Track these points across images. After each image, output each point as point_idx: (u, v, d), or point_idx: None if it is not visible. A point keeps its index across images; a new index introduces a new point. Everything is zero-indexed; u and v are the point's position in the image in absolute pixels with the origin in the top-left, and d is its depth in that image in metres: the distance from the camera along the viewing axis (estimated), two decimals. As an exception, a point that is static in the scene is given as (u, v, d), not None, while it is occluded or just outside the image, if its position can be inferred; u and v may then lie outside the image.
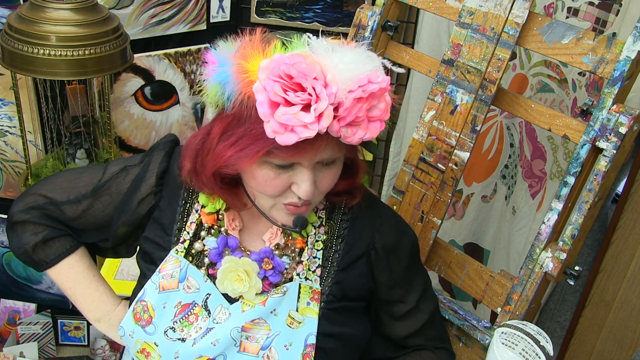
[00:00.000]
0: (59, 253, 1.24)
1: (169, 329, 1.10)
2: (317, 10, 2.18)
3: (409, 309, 1.20)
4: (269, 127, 0.90)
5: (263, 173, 0.99)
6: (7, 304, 2.34)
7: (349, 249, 1.14)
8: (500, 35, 1.34)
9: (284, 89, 0.89)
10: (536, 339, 1.22)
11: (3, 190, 2.14)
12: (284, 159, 0.96)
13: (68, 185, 1.22)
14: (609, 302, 1.83)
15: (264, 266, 1.11)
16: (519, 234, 2.01)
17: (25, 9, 1.64)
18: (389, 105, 0.97)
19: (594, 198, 1.22)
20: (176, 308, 1.11)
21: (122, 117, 2.11)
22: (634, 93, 1.43)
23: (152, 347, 1.10)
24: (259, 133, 0.93)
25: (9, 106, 1.97)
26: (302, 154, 0.95)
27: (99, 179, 1.20)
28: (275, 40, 0.95)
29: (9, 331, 2.32)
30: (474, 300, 2.15)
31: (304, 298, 1.10)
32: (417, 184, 1.47)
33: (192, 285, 1.12)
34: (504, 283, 1.37)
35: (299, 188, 0.99)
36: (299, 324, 1.08)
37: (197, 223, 1.15)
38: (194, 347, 1.08)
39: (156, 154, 1.17)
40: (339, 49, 0.94)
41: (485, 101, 1.37)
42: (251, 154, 0.95)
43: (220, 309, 1.10)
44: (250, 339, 1.08)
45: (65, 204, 1.21)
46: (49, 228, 1.22)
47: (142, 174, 1.17)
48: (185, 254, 1.13)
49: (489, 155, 2.08)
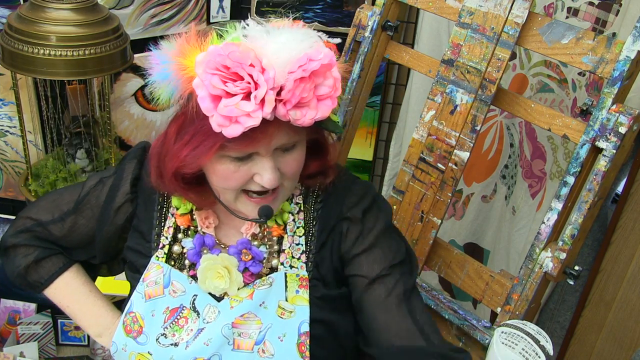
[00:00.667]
0: (52, 272, 1.24)
1: (161, 335, 1.09)
2: (317, 10, 2.18)
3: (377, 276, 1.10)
4: (214, 122, 0.89)
5: (223, 168, 0.98)
6: (7, 304, 2.34)
7: (322, 228, 1.12)
8: (500, 35, 1.34)
9: (222, 81, 0.88)
10: (536, 338, 1.22)
11: (3, 190, 2.14)
12: (240, 150, 0.95)
13: (51, 205, 1.24)
14: (609, 302, 1.83)
15: (243, 258, 1.10)
16: (518, 234, 2.01)
17: (25, 9, 1.64)
18: (338, 80, 0.95)
19: (594, 198, 1.22)
20: (165, 314, 1.10)
21: (122, 117, 2.11)
22: (634, 93, 1.43)
23: (147, 356, 1.09)
24: (209, 129, 0.91)
25: (9, 106, 1.97)
26: (255, 144, 0.94)
27: (79, 195, 1.21)
28: (211, 33, 0.94)
29: (9, 331, 2.32)
30: (474, 300, 2.15)
31: (292, 287, 1.09)
32: (417, 183, 1.47)
33: (178, 289, 1.11)
34: (503, 283, 1.37)
35: (261, 178, 0.98)
36: (290, 314, 1.07)
37: (174, 227, 1.14)
38: (187, 350, 1.07)
39: (127, 163, 1.18)
40: (274, 30, 0.92)
41: (485, 101, 1.37)
42: (205, 151, 0.94)
43: (209, 308, 1.10)
44: (243, 335, 1.07)
45: (50, 224, 1.22)
46: (40, 249, 1.23)
47: (117, 183, 1.17)
48: (167, 258, 1.13)
49: (489, 155, 2.08)
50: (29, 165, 1.90)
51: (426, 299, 1.43)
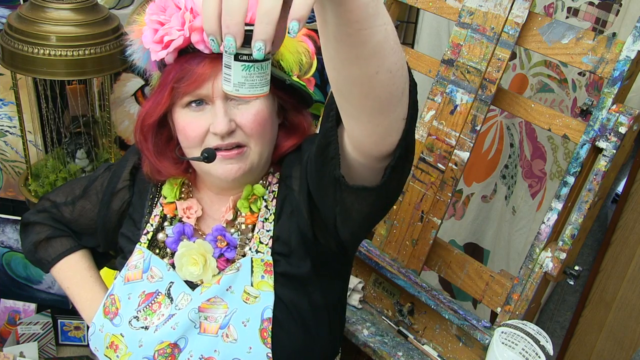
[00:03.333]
0: (59, 252, 1.30)
1: (133, 318, 1.12)
2: (317, 10, 2.18)
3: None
4: (153, 52, 1.01)
5: (180, 120, 1.06)
6: (7, 304, 2.34)
7: (280, 201, 1.14)
8: (500, 35, 1.34)
9: (156, 14, 1.01)
10: (536, 338, 1.22)
11: (3, 190, 2.14)
12: (188, 92, 1.02)
13: (68, 189, 1.32)
14: (609, 302, 1.83)
15: (219, 244, 1.13)
16: (519, 234, 2.00)
17: (25, 9, 1.64)
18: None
19: (594, 198, 1.22)
20: (140, 297, 1.13)
21: (122, 117, 2.11)
22: (634, 93, 1.43)
23: (119, 338, 1.12)
24: (163, 79, 1.05)
25: (9, 106, 1.97)
26: (199, 82, 1.01)
27: (89, 180, 1.30)
28: None
29: (9, 331, 2.32)
30: (474, 300, 2.15)
31: (257, 272, 1.10)
32: (417, 183, 1.47)
33: (156, 275, 1.14)
34: (503, 283, 1.37)
35: (214, 126, 1.03)
36: (255, 299, 1.08)
37: (161, 215, 1.19)
38: (155, 333, 1.09)
39: (130, 153, 1.25)
40: None
41: (485, 101, 1.37)
42: (161, 96, 1.05)
43: (182, 296, 1.12)
44: (209, 319, 1.08)
45: (62, 205, 1.30)
46: (52, 228, 1.31)
47: (119, 170, 1.25)
48: (149, 245, 1.17)
49: (489, 155, 2.08)
50: (29, 165, 1.90)
51: (426, 299, 1.43)
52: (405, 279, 1.46)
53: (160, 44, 1.01)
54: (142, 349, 1.09)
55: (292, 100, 1.11)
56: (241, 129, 1.05)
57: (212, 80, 1.01)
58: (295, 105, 1.13)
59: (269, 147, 1.11)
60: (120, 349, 1.11)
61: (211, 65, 1.01)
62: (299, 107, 1.14)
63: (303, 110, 1.15)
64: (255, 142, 1.06)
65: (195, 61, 1.02)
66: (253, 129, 1.05)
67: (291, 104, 1.12)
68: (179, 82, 1.02)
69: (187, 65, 1.02)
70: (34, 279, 2.31)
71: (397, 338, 1.50)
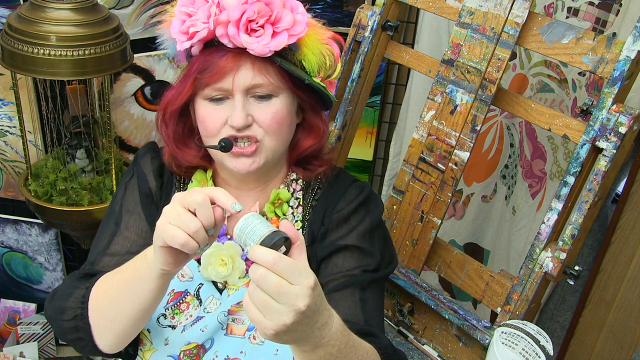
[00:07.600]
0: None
1: (161, 315, 1.12)
2: (317, 10, 2.18)
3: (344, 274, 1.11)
4: (179, 42, 1.04)
5: (201, 111, 1.08)
6: (7, 304, 2.34)
7: (313, 222, 1.15)
8: (500, 35, 1.34)
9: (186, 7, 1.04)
10: (536, 338, 1.22)
11: (3, 190, 2.14)
12: (210, 83, 1.04)
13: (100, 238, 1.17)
14: (609, 302, 1.83)
15: None
16: (519, 234, 2.01)
17: (25, 9, 1.64)
18: (299, 22, 1.04)
19: (594, 198, 1.22)
20: (169, 295, 1.13)
21: (122, 117, 2.11)
22: (634, 93, 1.43)
23: (144, 333, 1.12)
24: (188, 69, 1.07)
25: (9, 106, 1.97)
26: (222, 75, 1.03)
27: (113, 214, 1.17)
28: None
29: (9, 331, 2.32)
30: (474, 300, 2.15)
31: None
32: (417, 183, 1.47)
33: (186, 274, 1.14)
34: (503, 283, 1.37)
35: (232, 119, 1.05)
36: None
37: None
38: (183, 333, 1.10)
39: (141, 160, 1.21)
40: None
41: (485, 101, 1.37)
42: (184, 85, 1.07)
43: (211, 300, 1.12)
44: (237, 321, 1.10)
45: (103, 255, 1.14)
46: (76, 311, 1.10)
47: (140, 173, 1.19)
48: None
49: (489, 155, 2.08)
50: (28, 165, 1.90)
51: (426, 299, 1.43)
52: (405, 279, 1.46)
53: (186, 34, 1.03)
54: (168, 347, 1.10)
55: (310, 101, 1.12)
56: (258, 125, 1.06)
57: (234, 74, 1.03)
58: (313, 105, 1.14)
59: (284, 144, 1.12)
60: (144, 344, 1.12)
61: (234, 60, 1.03)
62: (317, 108, 1.15)
63: (321, 112, 1.16)
64: (270, 138, 1.08)
65: (219, 54, 1.04)
66: (270, 126, 1.07)
67: (309, 104, 1.13)
68: (202, 73, 1.04)
69: (210, 57, 1.04)
70: (34, 279, 2.31)
71: (397, 338, 1.50)
